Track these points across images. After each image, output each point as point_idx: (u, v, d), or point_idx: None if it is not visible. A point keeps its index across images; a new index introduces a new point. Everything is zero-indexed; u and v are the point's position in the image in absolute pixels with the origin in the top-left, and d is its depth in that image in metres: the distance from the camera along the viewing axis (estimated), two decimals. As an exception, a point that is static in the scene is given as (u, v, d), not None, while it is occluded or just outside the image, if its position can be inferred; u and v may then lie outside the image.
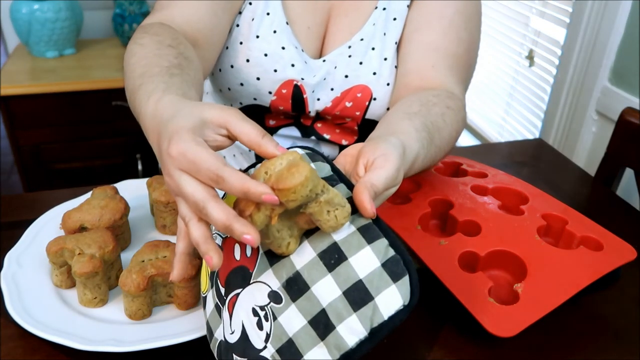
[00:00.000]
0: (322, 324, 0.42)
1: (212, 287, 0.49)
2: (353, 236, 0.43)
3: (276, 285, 0.44)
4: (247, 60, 0.75)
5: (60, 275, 0.56)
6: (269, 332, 0.44)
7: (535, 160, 0.91)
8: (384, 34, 0.76)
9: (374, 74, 0.76)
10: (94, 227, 0.59)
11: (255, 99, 0.78)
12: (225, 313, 0.47)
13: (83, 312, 0.53)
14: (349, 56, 0.76)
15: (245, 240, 0.38)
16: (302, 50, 0.76)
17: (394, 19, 0.76)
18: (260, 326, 0.44)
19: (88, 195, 0.65)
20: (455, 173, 0.75)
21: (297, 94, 0.77)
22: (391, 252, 0.43)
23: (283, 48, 0.75)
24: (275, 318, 0.44)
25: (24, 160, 1.66)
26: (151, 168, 1.76)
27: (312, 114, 0.79)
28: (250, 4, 0.76)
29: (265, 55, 0.74)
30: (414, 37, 0.75)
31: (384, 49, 0.76)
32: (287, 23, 0.75)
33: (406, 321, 0.55)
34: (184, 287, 0.53)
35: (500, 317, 0.51)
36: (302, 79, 0.75)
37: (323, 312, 0.42)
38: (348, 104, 0.77)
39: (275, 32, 0.75)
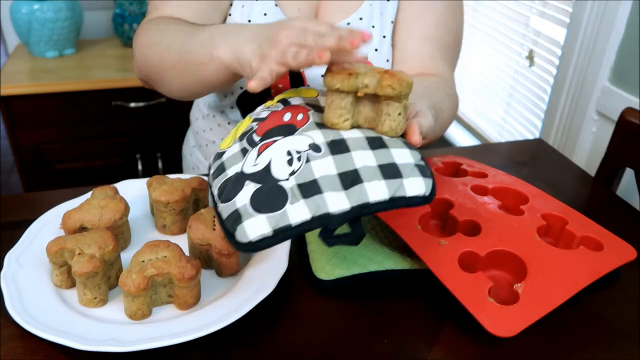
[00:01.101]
0: (350, 178, 0.49)
1: (240, 140, 0.55)
2: (397, 140, 0.53)
3: (320, 140, 0.52)
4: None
5: (60, 275, 0.56)
6: (295, 170, 0.50)
7: (535, 160, 0.91)
8: (381, 13, 0.81)
9: (376, 50, 0.80)
10: (94, 227, 0.59)
11: None
12: (253, 152, 0.53)
13: (83, 312, 0.53)
14: (360, 18, 0.80)
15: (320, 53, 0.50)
16: None
17: None
18: (289, 163, 0.50)
19: (88, 195, 0.65)
20: (455, 173, 0.75)
21: (294, 71, 0.78)
22: (423, 163, 0.52)
23: None
24: (308, 161, 0.50)
25: (24, 160, 1.66)
26: (151, 168, 1.76)
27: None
28: None
29: None
30: (410, 27, 0.82)
31: (383, 28, 0.81)
32: (275, 5, 0.79)
33: (406, 321, 0.56)
34: (184, 287, 0.53)
35: (500, 317, 0.51)
36: None
37: (355, 171, 0.49)
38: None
39: (265, 14, 0.78)
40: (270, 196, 0.49)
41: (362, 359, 0.51)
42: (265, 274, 0.57)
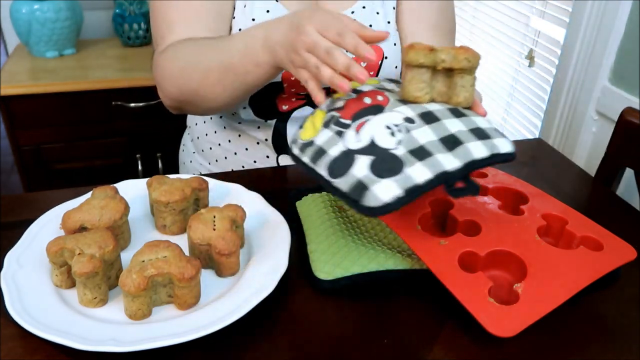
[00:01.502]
0: (450, 142, 0.55)
1: (326, 127, 0.58)
2: (469, 110, 0.60)
3: (410, 114, 0.57)
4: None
5: (60, 275, 0.56)
6: (401, 140, 0.55)
7: (535, 160, 0.91)
8: (383, 0, 0.86)
9: None
10: (94, 227, 0.59)
11: None
12: (350, 132, 0.56)
13: (83, 312, 0.53)
14: (363, 7, 0.83)
15: (367, 55, 0.56)
16: None
17: None
18: (392, 135, 0.55)
19: (88, 195, 0.65)
20: (455, 173, 0.75)
21: None
22: (497, 130, 0.59)
23: None
24: (408, 131, 0.55)
25: (24, 160, 1.66)
26: (151, 168, 1.76)
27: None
28: None
29: None
30: (416, 15, 0.86)
31: (386, 14, 0.85)
32: (277, 1, 0.80)
33: (406, 321, 0.56)
34: (184, 287, 0.53)
35: (500, 317, 0.51)
36: None
37: (452, 135, 0.56)
38: (363, 64, 0.80)
39: (268, 11, 0.80)
40: (387, 163, 0.53)
41: (362, 359, 0.51)
42: (265, 274, 0.57)
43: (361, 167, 0.53)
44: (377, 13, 0.85)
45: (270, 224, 0.65)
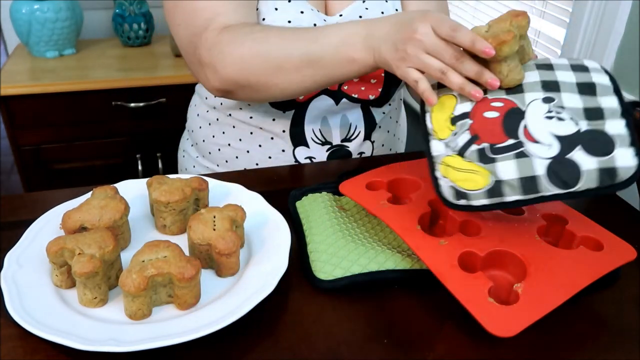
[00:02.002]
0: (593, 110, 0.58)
1: (495, 159, 0.56)
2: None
3: (540, 95, 0.59)
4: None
5: (60, 275, 0.56)
6: (570, 116, 0.56)
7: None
8: None
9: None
10: (94, 227, 0.59)
11: None
12: (530, 147, 0.56)
13: (83, 312, 0.53)
14: (366, 9, 0.85)
15: (485, 50, 0.57)
16: (318, 11, 0.83)
17: None
18: (561, 119, 0.56)
19: (88, 195, 0.65)
20: (455, 173, 0.75)
21: None
22: None
23: (302, 12, 0.81)
24: (562, 108, 0.57)
25: (24, 160, 1.66)
26: (151, 168, 1.76)
27: None
28: None
29: (289, 22, 0.80)
30: (414, 7, 0.88)
31: (394, 4, 0.87)
32: (289, 1, 0.81)
33: (406, 321, 0.56)
34: (184, 287, 0.53)
35: (500, 317, 0.51)
36: None
37: (602, 110, 0.58)
38: None
39: (289, 1, 0.81)
40: (595, 141, 0.56)
41: (362, 359, 0.51)
42: (265, 274, 0.57)
43: (584, 159, 0.55)
44: (386, 1, 0.86)
45: (270, 224, 0.65)
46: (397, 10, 0.88)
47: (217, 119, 0.92)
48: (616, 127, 0.57)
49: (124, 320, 0.53)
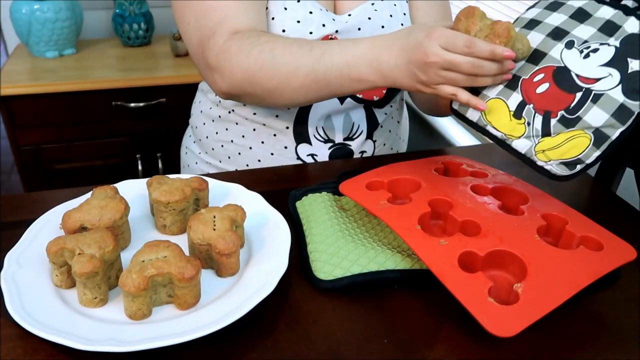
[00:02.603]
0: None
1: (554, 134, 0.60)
2: None
3: (560, 46, 0.61)
4: (283, 31, 0.81)
5: (60, 275, 0.56)
6: (598, 43, 0.59)
7: (535, 160, 0.91)
8: None
9: (402, 24, 0.87)
10: (94, 227, 0.59)
11: None
12: (597, 86, 0.58)
13: (83, 312, 0.53)
14: (375, 10, 0.86)
15: (506, 55, 0.59)
16: (327, 10, 0.84)
17: None
18: (595, 50, 0.59)
19: (88, 195, 0.65)
20: (456, 173, 0.75)
21: None
22: None
23: (311, 12, 0.82)
24: (586, 42, 0.60)
25: (24, 160, 1.66)
26: (151, 168, 1.76)
27: None
28: None
29: (298, 22, 0.81)
30: (420, 15, 0.91)
31: (401, 5, 0.89)
32: (297, 1, 0.82)
33: (406, 321, 0.56)
34: (184, 287, 0.53)
35: (500, 317, 0.51)
36: (337, 31, 0.84)
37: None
38: None
39: (298, 1, 0.82)
40: None
41: (362, 359, 0.51)
42: (265, 274, 0.57)
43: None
44: (395, 5, 0.88)
45: (270, 224, 0.65)
46: (404, 14, 0.89)
47: (220, 116, 0.92)
48: (634, 24, 0.59)
49: (124, 320, 0.53)
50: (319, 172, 0.85)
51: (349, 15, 0.85)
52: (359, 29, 0.85)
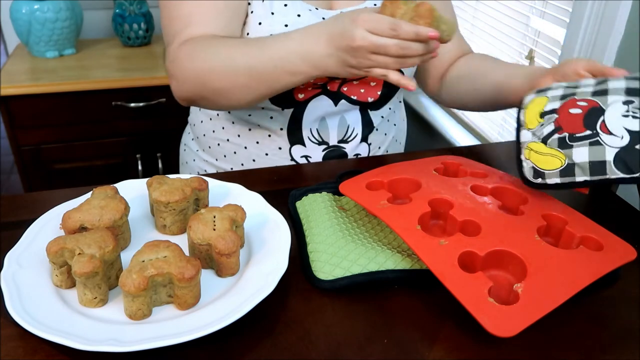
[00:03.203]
0: None
1: (570, 145, 0.64)
2: None
3: (622, 98, 0.65)
4: (271, 35, 0.80)
5: (60, 275, 0.56)
6: None
7: (535, 160, 0.91)
8: None
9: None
10: (94, 227, 0.59)
11: None
12: (604, 137, 0.62)
13: (83, 312, 0.53)
14: (374, 4, 0.85)
15: (430, 35, 0.64)
16: (317, 9, 0.83)
17: None
18: (636, 117, 0.62)
19: (88, 195, 0.65)
20: (455, 173, 0.75)
21: None
22: None
23: (299, 15, 0.81)
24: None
25: (24, 160, 1.66)
26: (151, 168, 1.76)
27: None
28: None
29: (286, 25, 0.80)
30: None
31: None
32: None
33: (406, 321, 0.56)
34: (184, 287, 0.53)
35: (500, 317, 0.51)
36: None
37: None
38: None
39: (286, 5, 0.81)
40: None
41: (362, 359, 0.51)
42: (265, 274, 0.58)
43: None
44: None
45: (270, 224, 0.65)
46: None
47: (218, 114, 0.93)
48: None
49: (124, 320, 0.53)
50: (318, 172, 0.85)
51: (341, 12, 0.85)
52: None
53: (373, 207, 0.64)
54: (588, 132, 0.64)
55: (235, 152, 0.92)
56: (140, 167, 1.74)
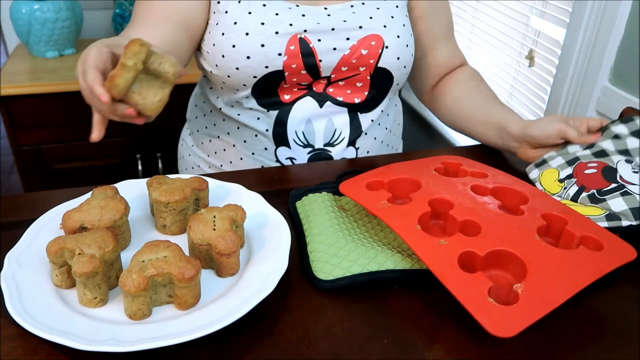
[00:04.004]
0: None
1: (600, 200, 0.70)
2: None
3: (623, 158, 0.75)
4: (247, 34, 0.80)
5: (60, 275, 0.56)
6: None
7: (535, 160, 0.91)
8: None
9: (385, 26, 0.86)
10: (94, 227, 0.59)
11: (267, 66, 0.82)
12: (630, 187, 0.69)
13: (83, 312, 0.53)
14: (353, 13, 0.85)
15: (102, 99, 0.58)
16: (297, 6, 0.82)
17: None
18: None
19: (88, 195, 0.65)
20: (455, 173, 0.75)
21: (304, 46, 0.82)
22: None
23: (277, 14, 0.81)
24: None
25: (24, 160, 1.66)
26: (151, 168, 1.76)
27: (328, 64, 0.84)
28: None
29: (262, 23, 0.80)
30: (428, 27, 0.94)
31: (387, 10, 0.87)
32: None
33: (406, 321, 0.56)
34: (184, 287, 0.53)
35: (500, 318, 0.50)
36: (305, 30, 0.82)
37: None
38: (364, 52, 0.84)
39: (265, 5, 0.81)
40: None
41: (362, 359, 0.51)
42: (265, 274, 0.57)
43: None
44: (378, 8, 0.86)
45: (270, 224, 0.65)
46: (392, 17, 0.87)
47: (211, 111, 0.93)
48: None
49: (124, 320, 0.53)
50: (318, 172, 0.85)
51: (325, 8, 0.84)
52: (333, 29, 0.83)
53: (373, 207, 0.64)
54: (614, 185, 0.70)
55: (224, 150, 0.93)
56: (140, 167, 1.73)
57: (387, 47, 0.85)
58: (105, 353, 0.49)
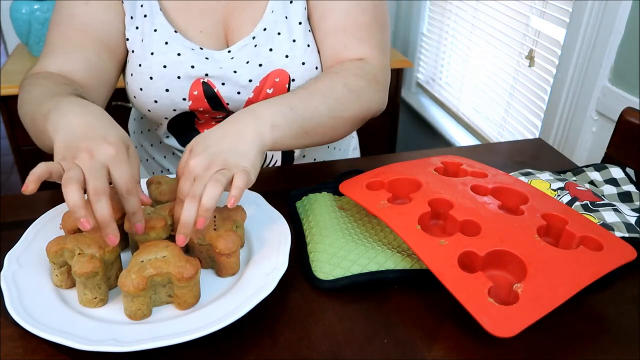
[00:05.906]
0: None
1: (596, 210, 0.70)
2: None
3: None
4: (151, 78, 0.78)
5: (60, 275, 0.56)
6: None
7: (535, 160, 0.91)
8: (286, 17, 0.79)
9: (287, 56, 0.79)
10: (94, 227, 0.59)
11: (174, 109, 0.81)
12: (620, 206, 0.71)
13: (83, 312, 0.53)
14: (255, 46, 0.79)
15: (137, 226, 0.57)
16: (201, 49, 0.78)
17: (290, 1, 0.79)
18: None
19: (88, 195, 0.65)
20: (455, 173, 0.75)
21: (208, 90, 0.79)
22: None
23: (179, 54, 0.78)
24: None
25: (24, 160, 1.66)
26: (151, 168, 1.76)
27: (236, 106, 0.81)
28: (136, 28, 0.78)
29: (165, 66, 0.77)
30: (321, 26, 0.80)
31: (290, 32, 0.79)
32: (175, 32, 0.78)
33: (406, 321, 0.56)
34: (183, 287, 0.53)
35: (500, 318, 0.50)
36: (207, 74, 0.78)
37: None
38: (269, 91, 0.80)
39: (167, 43, 0.78)
40: None
41: (362, 359, 0.51)
42: (265, 274, 0.57)
43: None
44: (279, 34, 0.79)
45: (270, 224, 0.65)
46: (294, 40, 0.79)
47: (142, 118, 0.96)
48: None
49: (124, 320, 0.53)
50: (319, 172, 0.85)
51: (229, 51, 0.79)
52: (235, 71, 0.79)
53: (373, 207, 0.64)
54: (606, 201, 0.71)
55: (147, 160, 0.95)
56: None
57: (293, 80, 0.80)
58: (105, 353, 0.49)
